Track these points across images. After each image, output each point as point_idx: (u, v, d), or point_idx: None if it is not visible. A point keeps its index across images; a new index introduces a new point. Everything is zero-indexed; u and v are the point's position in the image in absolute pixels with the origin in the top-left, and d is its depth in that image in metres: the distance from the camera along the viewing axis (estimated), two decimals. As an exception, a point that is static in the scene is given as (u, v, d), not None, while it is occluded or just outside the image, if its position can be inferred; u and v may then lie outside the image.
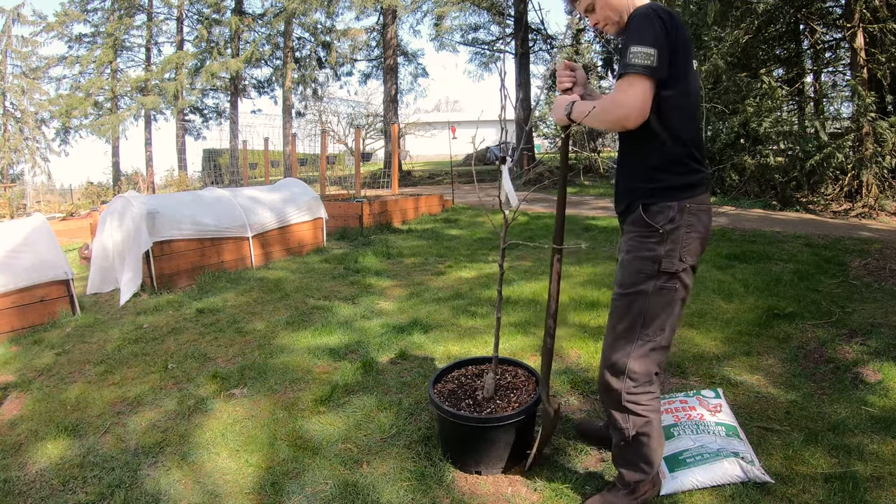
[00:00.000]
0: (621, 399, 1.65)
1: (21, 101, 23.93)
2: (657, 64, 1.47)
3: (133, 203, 4.67)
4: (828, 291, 3.95)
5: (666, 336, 1.65)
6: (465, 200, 10.32)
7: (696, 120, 1.66)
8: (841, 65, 10.00)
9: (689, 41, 1.59)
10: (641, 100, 1.49)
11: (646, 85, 1.49)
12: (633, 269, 1.64)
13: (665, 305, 1.62)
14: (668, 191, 1.61)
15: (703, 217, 1.64)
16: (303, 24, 21.46)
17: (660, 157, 1.62)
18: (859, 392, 2.45)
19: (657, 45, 1.47)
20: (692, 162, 1.62)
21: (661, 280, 1.61)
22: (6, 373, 3.15)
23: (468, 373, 2.29)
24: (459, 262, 5.43)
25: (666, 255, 1.60)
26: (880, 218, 7.75)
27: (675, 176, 1.61)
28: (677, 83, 1.54)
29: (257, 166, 15.43)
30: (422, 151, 32.84)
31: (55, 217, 12.29)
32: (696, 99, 1.67)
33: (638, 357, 1.64)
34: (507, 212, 2.07)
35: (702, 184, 1.64)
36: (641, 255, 1.62)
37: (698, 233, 1.62)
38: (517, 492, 1.89)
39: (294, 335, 3.46)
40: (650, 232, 1.61)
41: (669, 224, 1.59)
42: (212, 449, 2.23)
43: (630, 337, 1.64)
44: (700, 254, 1.65)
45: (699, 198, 1.62)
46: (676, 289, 1.62)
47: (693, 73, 1.62)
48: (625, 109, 1.50)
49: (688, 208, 1.59)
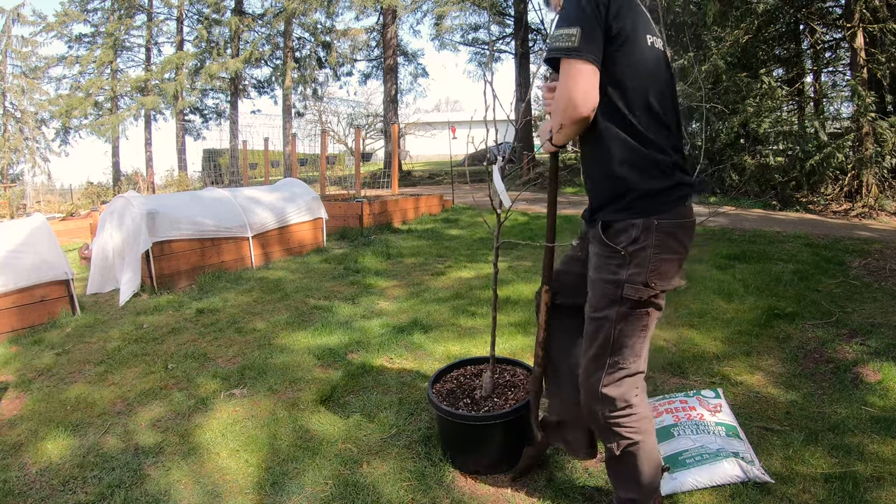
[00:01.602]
0: (602, 421, 1.55)
1: (21, 101, 23.92)
2: (579, 43, 1.29)
3: (133, 203, 4.67)
4: (828, 291, 3.95)
5: (641, 360, 1.51)
6: (465, 200, 10.32)
7: (663, 107, 1.40)
8: (841, 65, 10.00)
9: (641, 13, 1.39)
10: (575, 87, 1.30)
11: (574, 68, 1.30)
12: (598, 291, 1.48)
13: (634, 332, 1.46)
14: (631, 203, 1.38)
15: (680, 235, 1.40)
16: (303, 24, 21.46)
17: (616, 159, 1.39)
18: (859, 392, 2.45)
19: (580, 21, 1.30)
20: (661, 165, 1.37)
21: (625, 306, 1.43)
22: (6, 373, 3.15)
23: (467, 372, 2.29)
24: (459, 262, 5.43)
25: (629, 279, 1.40)
26: (880, 218, 7.74)
27: (641, 183, 1.37)
28: (621, 63, 1.34)
29: (257, 166, 15.43)
30: (422, 151, 32.84)
31: (55, 217, 12.29)
32: (658, 80, 1.40)
33: (610, 384, 1.51)
34: (500, 211, 2.08)
35: (678, 193, 1.39)
36: (604, 277, 1.45)
37: (673, 253, 1.40)
38: (517, 492, 1.89)
39: (294, 335, 3.46)
40: (611, 253, 1.42)
41: (632, 245, 1.38)
42: (212, 449, 2.23)
43: (600, 363, 1.51)
44: (677, 275, 1.45)
45: (676, 211, 1.39)
46: (647, 314, 1.44)
47: (648, 48, 1.38)
48: (565, 104, 1.33)
49: (657, 225, 1.37)
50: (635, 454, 1.55)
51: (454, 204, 9.89)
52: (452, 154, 6.19)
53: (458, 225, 8.00)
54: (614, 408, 1.51)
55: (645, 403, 1.57)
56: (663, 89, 1.41)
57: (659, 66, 1.41)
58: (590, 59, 1.30)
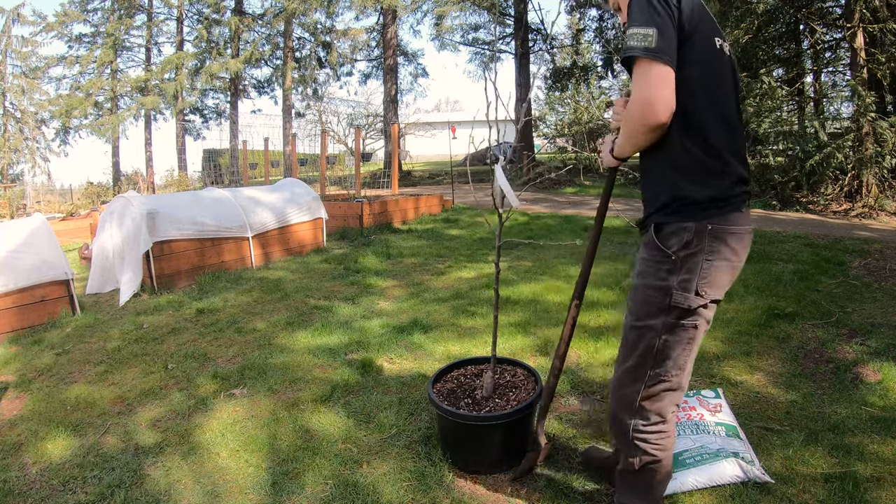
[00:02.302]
0: (629, 434, 1.49)
1: (21, 101, 23.92)
2: (657, 43, 1.24)
3: (133, 203, 4.67)
4: (828, 291, 3.95)
5: (684, 375, 1.43)
6: (466, 200, 10.32)
7: (728, 112, 1.36)
8: (841, 65, 10.01)
9: (708, 15, 1.35)
10: (655, 90, 1.25)
11: (654, 70, 1.25)
12: (642, 298, 1.42)
13: (680, 343, 1.39)
14: (685, 206, 1.33)
15: (734, 242, 1.34)
16: (303, 24, 21.46)
17: (674, 160, 1.35)
18: (859, 392, 2.45)
19: (655, 21, 1.25)
20: (720, 168, 1.32)
21: (672, 316, 1.36)
22: (6, 373, 3.15)
23: (467, 372, 2.29)
24: (459, 262, 5.43)
25: (679, 286, 1.34)
26: (880, 218, 7.74)
27: (695, 186, 1.32)
28: (691, 65, 1.29)
29: (257, 166, 15.43)
30: (422, 151, 32.84)
31: (55, 217, 12.29)
32: (725, 84, 1.37)
33: (648, 397, 1.45)
34: (503, 211, 2.08)
35: (734, 198, 1.34)
36: (651, 283, 1.39)
37: (725, 261, 1.33)
38: (517, 491, 1.89)
39: (294, 335, 3.46)
40: (662, 258, 1.36)
41: (683, 250, 1.33)
42: (212, 449, 2.23)
43: (639, 374, 1.44)
44: (728, 286, 1.38)
45: (729, 217, 1.33)
46: (694, 326, 1.37)
47: (717, 52, 1.35)
48: (641, 108, 1.27)
49: (710, 230, 1.31)
50: (655, 471, 1.50)
51: (454, 204, 9.89)
52: (452, 154, 6.17)
53: (458, 225, 8.00)
54: (648, 422, 1.46)
55: (674, 425, 1.52)
56: (729, 92, 1.38)
57: (725, 69, 1.38)
58: (667, 61, 1.25)
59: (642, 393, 1.44)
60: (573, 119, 16.98)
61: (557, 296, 4.03)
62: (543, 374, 2.68)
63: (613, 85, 22.79)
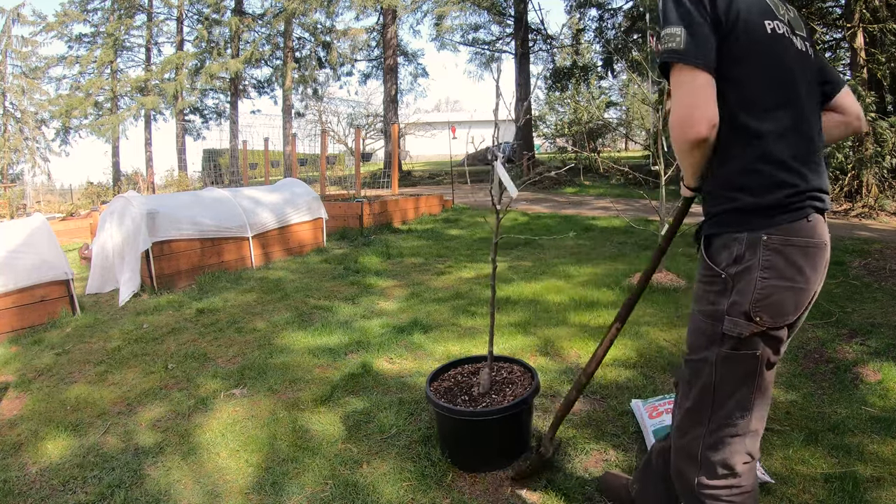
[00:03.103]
0: (693, 490, 1.27)
1: (21, 101, 23.92)
2: (685, 45, 1.07)
3: (133, 203, 4.67)
4: (828, 291, 3.95)
5: (754, 416, 1.20)
6: (466, 200, 10.32)
7: (791, 106, 1.14)
8: (841, 65, 10.02)
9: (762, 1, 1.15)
10: (686, 100, 1.08)
11: (684, 76, 1.08)
12: (694, 326, 1.24)
13: (737, 380, 1.17)
14: (736, 215, 1.14)
15: (797, 257, 1.12)
16: (303, 24, 21.46)
17: (723, 161, 1.15)
18: (859, 392, 2.45)
19: (682, 18, 1.09)
20: (777, 170, 1.11)
21: (726, 346, 1.16)
22: (6, 373, 3.15)
23: (465, 371, 2.30)
24: (459, 262, 5.43)
25: (730, 310, 1.14)
26: (880, 218, 7.75)
27: (748, 192, 1.12)
28: (739, 60, 1.11)
29: (257, 166, 15.44)
30: (422, 151, 32.85)
31: (55, 217, 12.29)
32: (784, 73, 1.14)
33: (711, 445, 1.22)
34: (500, 208, 2.08)
35: (796, 205, 1.12)
36: (703, 308, 1.20)
37: (786, 280, 1.11)
38: (517, 491, 1.89)
39: (294, 335, 3.46)
40: (711, 276, 1.18)
41: (734, 265, 1.13)
42: (212, 449, 2.23)
43: (699, 419, 1.23)
44: (795, 313, 1.14)
45: (792, 227, 1.11)
46: (755, 357, 1.14)
47: (771, 38, 1.14)
48: (676, 123, 1.10)
49: (766, 242, 1.11)
50: None
51: (454, 204, 9.89)
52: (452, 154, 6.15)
53: (458, 225, 8.00)
54: (714, 475, 1.23)
55: (753, 474, 1.26)
56: (789, 81, 1.15)
57: (784, 54, 1.15)
58: (699, 63, 1.07)
59: (705, 440, 1.23)
60: (573, 119, 16.98)
61: (557, 296, 4.03)
62: (543, 374, 2.68)
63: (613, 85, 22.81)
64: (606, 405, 2.43)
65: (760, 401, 1.20)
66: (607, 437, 2.17)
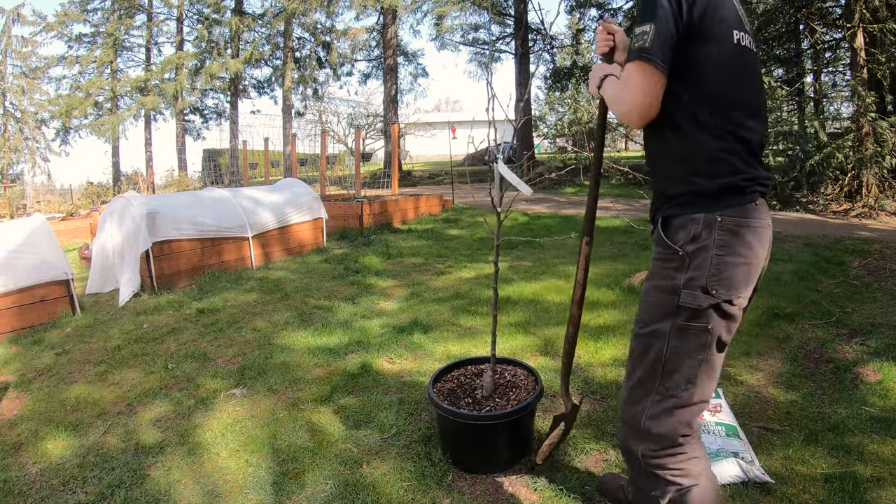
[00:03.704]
0: (642, 462, 1.33)
1: (21, 101, 23.92)
2: (650, 43, 1.17)
3: (133, 203, 4.67)
4: (828, 291, 3.95)
5: (698, 391, 1.28)
6: (466, 200, 10.31)
7: (745, 108, 1.25)
8: (841, 65, 10.03)
9: (731, 6, 1.25)
10: (638, 94, 1.21)
11: (643, 73, 1.19)
12: (650, 301, 1.31)
13: (691, 352, 1.26)
14: (694, 197, 1.25)
15: (749, 237, 1.23)
16: (303, 24, 21.45)
17: (683, 150, 1.26)
18: (859, 392, 2.45)
19: (655, 17, 1.18)
20: (734, 158, 1.23)
21: (681, 318, 1.25)
22: (6, 373, 3.15)
23: (467, 372, 2.30)
24: (459, 262, 5.43)
25: (686, 284, 1.23)
26: (880, 218, 7.75)
27: (706, 178, 1.23)
28: (703, 62, 1.21)
29: (257, 166, 15.43)
30: (422, 151, 32.85)
31: (55, 217, 12.29)
32: (743, 79, 1.26)
33: (656, 415, 1.29)
34: (500, 210, 2.08)
35: (749, 190, 1.24)
36: (659, 284, 1.29)
37: (739, 257, 1.22)
38: (517, 491, 1.89)
39: (294, 335, 3.46)
40: (669, 254, 1.27)
41: (692, 243, 1.23)
42: (212, 449, 2.23)
43: (647, 388, 1.31)
44: (747, 286, 1.26)
45: (743, 209, 1.23)
46: (707, 330, 1.24)
47: (736, 47, 1.24)
48: (622, 106, 1.26)
49: (720, 223, 1.22)
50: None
51: (454, 204, 9.89)
52: (452, 154, 6.17)
53: (458, 225, 8.00)
54: (657, 446, 1.30)
55: (699, 446, 1.33)
56: (747, 84, 1.27)
57: (746, 64, 1.26)
58: (658, 64, 1.17)
59: (649, 411, 1.30)
60: (573, 119, 16.98)
61: (558, 296, 4.03)
62: (543, 374, 2.68)
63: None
64: (606, 405, 2.43)
65: (706, 377, 1.28)
66: (607, 437, 2.17)
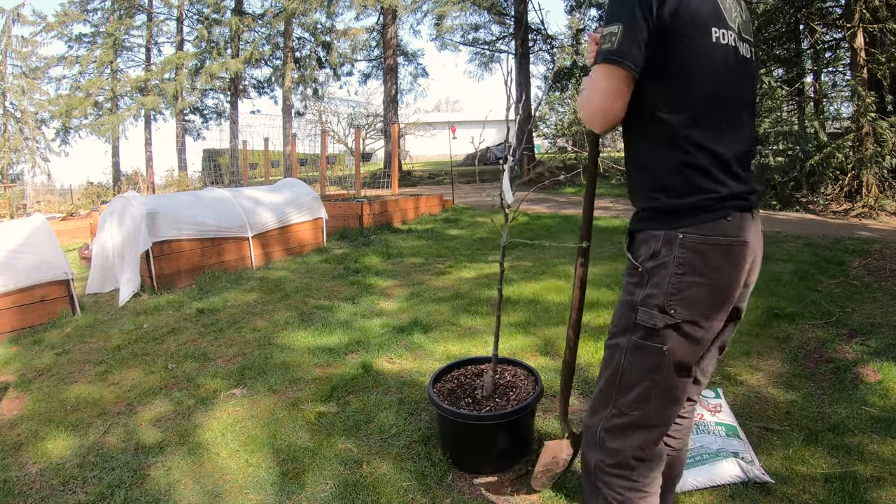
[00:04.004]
0: (591, 473, 1.29)
1: (21, 101, 23.92)
2: (617, 45, 1.09)
3: (133, 203, 4.67)
4: (828, 291, 3.95)
5: (651, 413, 1.21)
6: (466, 200, 10.31)
7: (724, 116, 1.15)
8: (841, 65, 10.02)
9: (710, 4, 1.13)
10: (601, 98, 1.14)
11: (608, 75, 1.12)
12: (616, 313, 1.28)
13: (646, 371, 1.19)
14: (655, 213, 1.19)
15: (714, 256, 1.13)
16: (303, 24, 21.46)
17: (647, 162, 1.20)
18: (859, 392, 2.45)
19: (623, 17, 1.09)
20: (697, 175, 1.13)
21: (637, 335, 1.19)
22: (6, 373, 3.15)
23: (468, 372, 2.30)
24: (460, 262, 5.43)
25: (643, 301, 1.18)
26: (880, 218, 7.75)
27: (666, 195, 1.16)
28: (676, 62, 1.11)
29: (257, 166, 15.43)
30: (422, 151, 32.84)
31: (55, 217, 12.29)
32: (723, 82, 1.14)
33: (611, 429, 1.25)
34: (508, 211, 2.07)
35: (715, 207, 1.13)
36: (623, 297, 1.25)
37: (702, 277, 1.13)
38: (517, 492, 1.89)
39: (294, 335, 3.46)
40: (632, 269, 1.22)
41: (651, 260, 1.17)
42: (212, 449, 2.23)
43: (605, 400, 1.27)
44: (715, 309, 1.16)
45: (711, 226, 1.13)
46: (661, 351, 1.16)
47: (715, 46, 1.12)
48: (586, 109, 1.19)
49: (681, 240, 1.13)
50: None
51: (454, 204, 9.89)
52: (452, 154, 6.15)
53: (458, 225, 8.00)
54: (609, 462, 1.25)
55: (654, 481, 1.25)
56: (725, 90, 1.15)
57: (725, 64, 1.14)
58: (626, 65, 1.10)
59: (604, 423, 1.25)
60: (573, 119, 16.98)
61: (558, 296, 4.03)
62: (543, 374, 2.68)
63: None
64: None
65: (662, 401, 1.20)
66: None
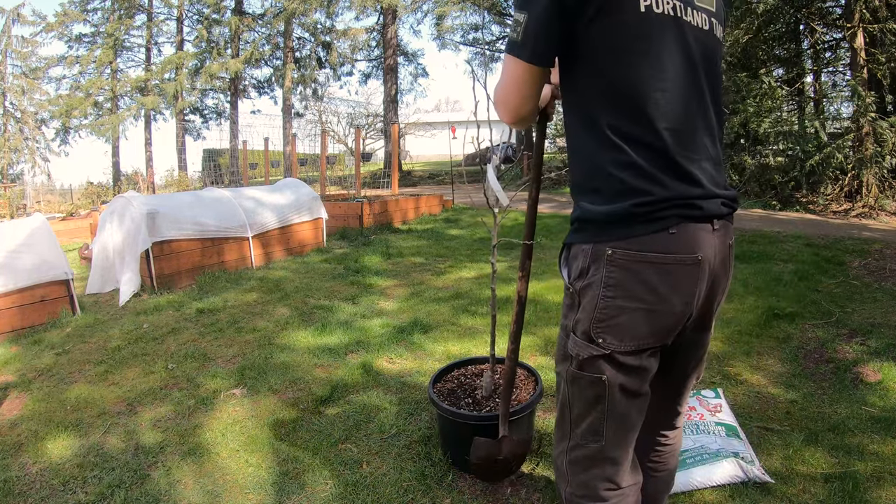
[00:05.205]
0: (563, 499, 1.18)
1: (21, 101, 23.92)
2: (521, 35, 0.96)
3: (133, 203, 4.67)
4: (828, 291, 3.95)
5: (609, 444, 1.06)
6: (466, 200, 10.31)
7: (658, 101, 0.94)
8: (841, 65, 10.02)
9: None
10: (504, 91, 1.04)
11: (511, 68, 1.01)
12: (558, 339, 1.14)
13: (589, 403, 1.04)
14: (584, 224, 1.02)
15: (650, 274, 0.95)
16: (303, 24, 21.47)
17: (574, 163, 1.05)
18: (859, 392, 2.46)
19: (531, 6, 0.95)
20: (629, 176, 0.95)
21: (573, 365, 1.04)
22: (6, 373, 3.15)
23: (468, 372, 2.30)
24: (460, 262, 5.43)
25: (574, 328, 1.03)
26: (880, 218, 7.74)
27: (598, 196, 0.99)
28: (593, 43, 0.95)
29: (257, 166, 15.44)
30: (422, 151, 32.83)
31: (55, 217, 12.28)
32: (660, 62, 0.95)
33: (573, 462, 1.11)
34: (497, 210, 2.08)
35: (653, 215, 0.95)
36: (560, 322, 1.11)
37: (635, 301, 0.96)
38: (517, 492, 1.89)
39: (294, 335, 3.46)
40: (565, 289, 1.08)
41: (580, 279, 1.01)
42: (212, 449, 2.23)
43: (562, 431, 1.13)
44: (654, 336, 0.99)
45: (644, 240, 0.95)
46: (601, 381, 1.01)
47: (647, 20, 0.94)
48: (495, 101, 1.08)
49: (609, 256, 0.96)
50: None
51: (454, 204, 9.89)
52: (452, 154, 6.16)
53: (458, 225, 8.00)
54: (579, 492, 1.12)
55: None
56: (662, 71, 0.95)
57: (662, 39, 0.95)
58: (529, 57, 0.98)
59: (566, 455, 1.12)
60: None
61: (557, 296, 4.03)
62: (543, 374, 2.68)
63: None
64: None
65: (616, 430, 1.05)
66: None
